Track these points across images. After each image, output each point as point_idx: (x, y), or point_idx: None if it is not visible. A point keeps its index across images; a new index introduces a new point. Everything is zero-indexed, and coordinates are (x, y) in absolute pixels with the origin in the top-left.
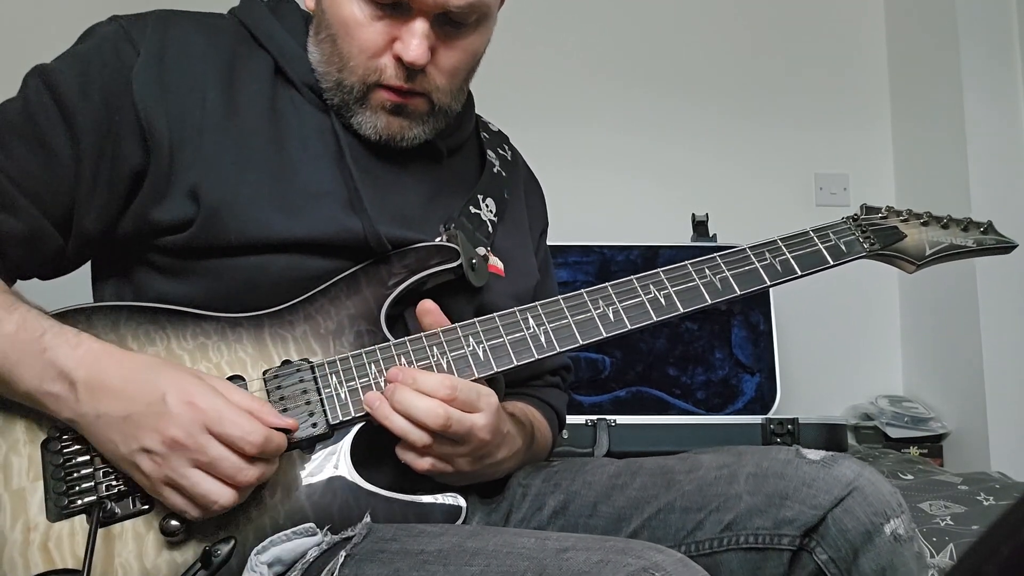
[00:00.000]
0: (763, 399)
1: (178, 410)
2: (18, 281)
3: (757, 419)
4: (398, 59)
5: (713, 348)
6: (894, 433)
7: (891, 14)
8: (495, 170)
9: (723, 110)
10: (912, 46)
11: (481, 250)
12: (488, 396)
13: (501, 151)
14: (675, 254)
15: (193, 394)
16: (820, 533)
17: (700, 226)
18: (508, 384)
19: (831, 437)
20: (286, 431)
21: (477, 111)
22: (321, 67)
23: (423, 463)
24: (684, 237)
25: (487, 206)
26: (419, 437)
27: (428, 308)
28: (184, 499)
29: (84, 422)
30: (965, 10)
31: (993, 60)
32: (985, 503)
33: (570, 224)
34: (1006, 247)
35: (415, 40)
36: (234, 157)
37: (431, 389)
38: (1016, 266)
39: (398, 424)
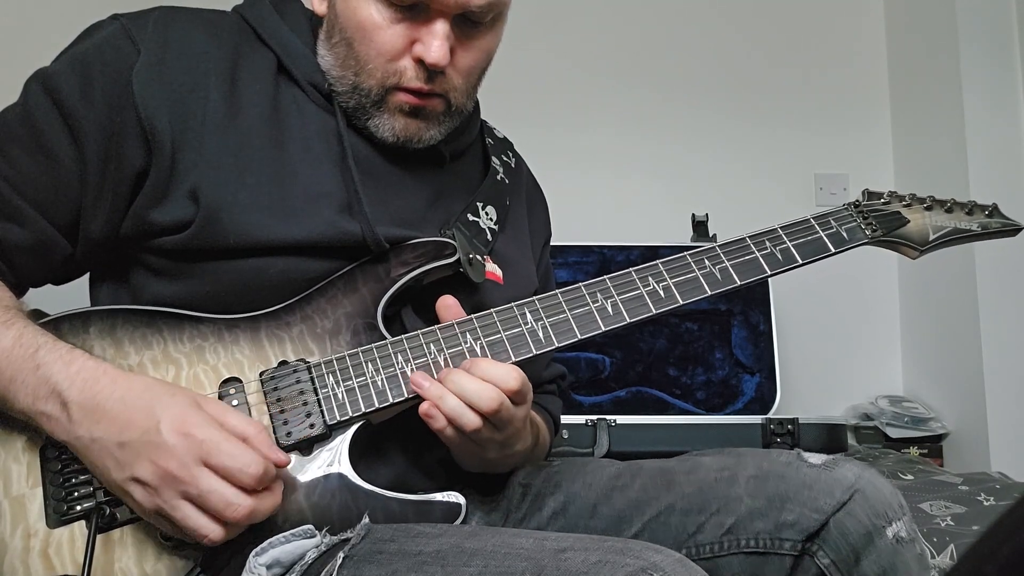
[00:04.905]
0: (763, 399)
1: (173, 441)
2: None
3: (757, 419)
4: (418, 61)
5: (713, 348)
6: (894, 433)
7: (891, 14)
8: (498, 177)
9: (723, 110)
10: (912, 46)
11: (479, 257)
12: (531, 389)
13: (505, 158)
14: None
15: (189, 424)
16: (822, 537)
17: (700, 226)
18: None
19: (831, 437)
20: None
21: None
22: (335, 71)
23: (453, 437)
24: (684, 237)
25: (487, 214)
26: (471, 420)
27: (448, 303)
28: (175, 529)
29: (79, 445)
30: (965, 10)
31: (993, 60)
32: (985, 503)
33: (570, 224)
34: (1012, 230)
35: (436, 41)
36: (234, 159)
37: (497, 378)
38: (1016, 266)
39: (451, 405)
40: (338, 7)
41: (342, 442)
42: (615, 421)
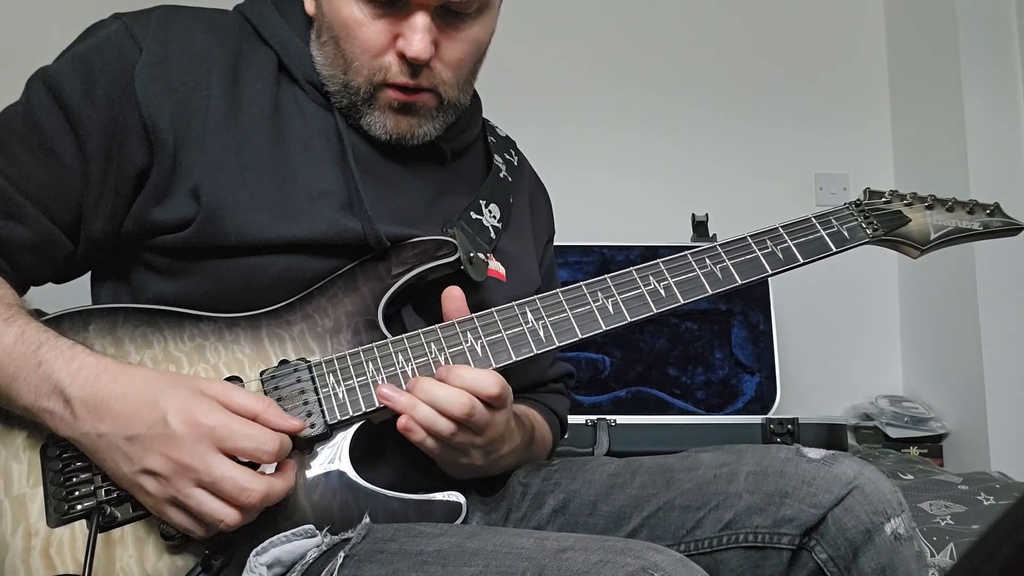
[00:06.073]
0: (763, 399)
1: (182, 431)
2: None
3: (757, 419)
4: (401, 56)
5: (713, 348)
6: (894, 433)
7: (891, 14)
8: (501, 175)
9: (723, 110)
10: (912, 46)
11: (482, 255)
12: (511, 393)
13: (508, 156)
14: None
15: (195, 412)
16: (820, 532)
17: (700, 226)
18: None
19: (831, 437)
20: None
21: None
22: (326, 70)
23: (434, 448)
24: (684, 237)
25: (490, 212)
26: (445, 426)
27: (454, 294)
28: (188, 518)
29: (85, 441)
30: (965, 10)
31: (993, 60)
32: (985, 503)
33: (570, 224)
34: (1013, 229)
35: (417, 35)
36: (236, 158)
37: (475, 384)
38: (1016, 266)
39: (423, 413)
40: (323, 6)
41: (343, 439)
42: (615, 421)
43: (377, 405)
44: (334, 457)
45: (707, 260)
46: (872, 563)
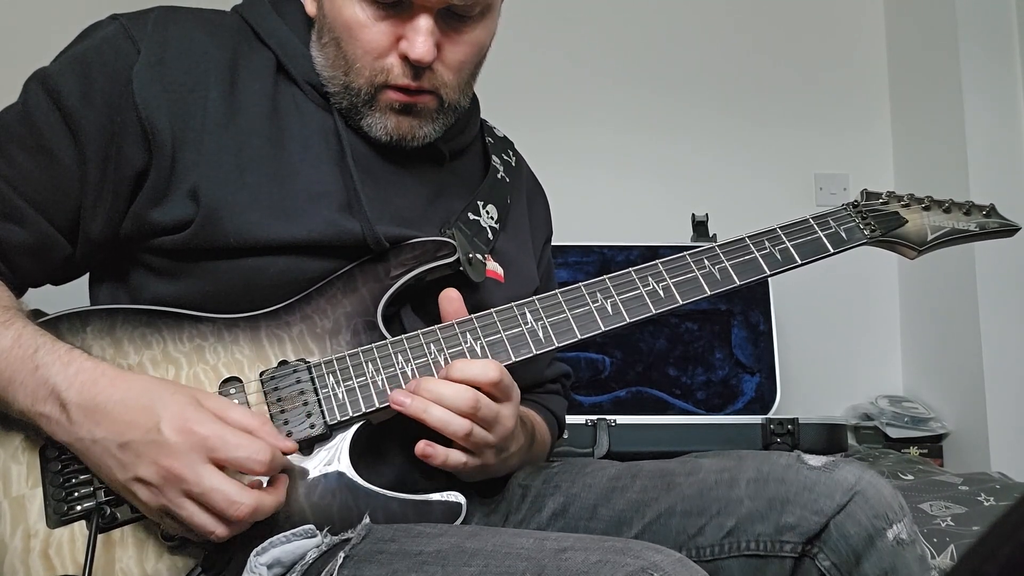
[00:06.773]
0: (763, 399)
1: (175, 439)
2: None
3: (757, 419)
4: (404, 58)
5: (713, 348)
6: (894, 433)
7: (891, 14)
8: (499, 176)
9: (723, 110)
10: (912, 46)
11: (480, 256)
12: (515, 386)
13: (506, 156)
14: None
15: (190, 421)
16: (823, 539)
17: (700, 226)
18: None
19: (831, 437)
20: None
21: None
22: (327, 71)
23: (457, 458)
24: (684, 237)
25: (487, 212)
26: (460, 425)
27: (451, 296)
28: (182, 527)
29: (81, 446)
30: (965, 10)
31: (993, 60)
32: (986, 503)
33: (570, 224)
34: (1009, 230)
35: (420, 37)
36: (235, 158)
37: (475, 375)
38: (1016, 266)
39: (437, 416)
40: (325, 7)
41: (342, 440)
42: (615, 421)
43: (377, 405)
44: (333, 458)
45: (705, 261)
46: (875, 568)
